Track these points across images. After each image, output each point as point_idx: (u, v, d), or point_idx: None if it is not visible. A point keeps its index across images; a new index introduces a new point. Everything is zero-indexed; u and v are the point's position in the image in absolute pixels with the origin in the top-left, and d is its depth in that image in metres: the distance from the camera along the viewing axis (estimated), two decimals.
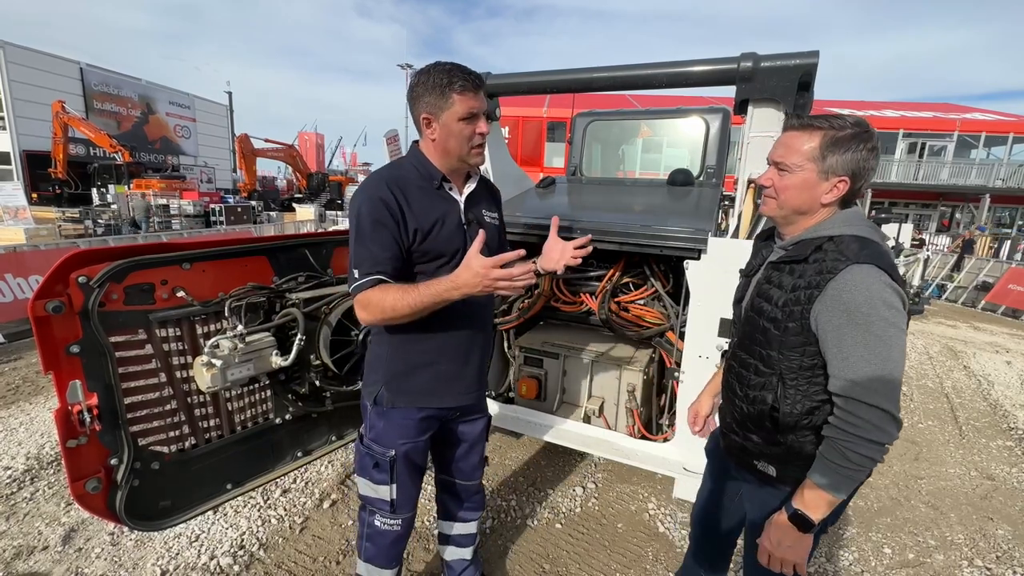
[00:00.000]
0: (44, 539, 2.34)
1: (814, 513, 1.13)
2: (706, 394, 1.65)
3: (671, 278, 2.69)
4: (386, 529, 1.67)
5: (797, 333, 1.13)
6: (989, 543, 2.62)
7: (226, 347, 1.68)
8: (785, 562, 1.19)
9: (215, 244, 1.75)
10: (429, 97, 1.39)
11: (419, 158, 1.50)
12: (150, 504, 1.66)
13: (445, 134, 1.42)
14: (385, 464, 1.57)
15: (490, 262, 1.26)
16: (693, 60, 2.25)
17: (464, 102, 1.38)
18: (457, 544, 1.94)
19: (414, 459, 1.62)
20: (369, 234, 1.37)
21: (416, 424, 1.58)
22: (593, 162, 4.03)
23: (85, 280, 1.42)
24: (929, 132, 22.33)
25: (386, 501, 1.62)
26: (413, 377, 1.55)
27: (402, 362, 1.54)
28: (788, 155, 1.18)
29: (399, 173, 1.47)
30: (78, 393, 1.43)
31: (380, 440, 1.58)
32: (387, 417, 1.57)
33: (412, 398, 1.56)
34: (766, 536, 1.22)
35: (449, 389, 1.60)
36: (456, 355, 1.59)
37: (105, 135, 19.39)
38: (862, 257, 1.06)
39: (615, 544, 2.47)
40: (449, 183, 1.52)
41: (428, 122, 1.43)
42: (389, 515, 1.65)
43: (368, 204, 1.39)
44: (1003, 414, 4.39)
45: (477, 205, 1.59)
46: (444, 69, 1.38)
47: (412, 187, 1.44)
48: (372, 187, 1.42)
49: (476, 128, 1.43)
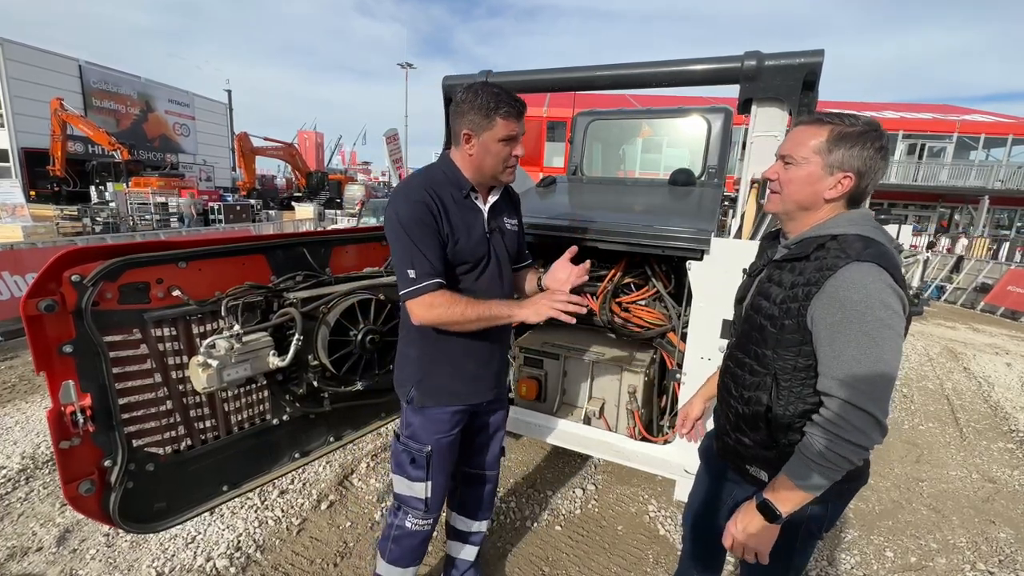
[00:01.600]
0: (39, 540, 2.31)
1: (782, 505, 1.12)
2: (699, 397, 1.63)
3: (673, 279, 2.67)
4: (416, 530, 1.74)
5: (793, 331, 1.12)
6: (991, 546, 2.61)
7: (222, 347, 1.65)
8: (748, 549, 1.18)
9: (212, 242, 1.73)
10: (474, 115, 1.47)
11: (450, 167, 1.58)
12: (144, 506, 1.63)
13: (483, 152, 1.50)
14: (422, 460, 1.65)
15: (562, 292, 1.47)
16: (696, 59, 2.23)
17: (507, 126, 1.47)
18: (465, 541, 2.00)
19: (448, 453, 1.71)
20: (419, 237, 1.45)
21: (449, 418, 1.67)
22: (594, 162, 4.01)
23: (79, 279, 1.40)
24: (928, 133, 22.35)
25: (421, 500, 1.69)
26: (441, 378, 1.64)
27: (430, 364, 1.64)
28: (795, 148, 1.17)
29: (433, 180, 1.54)
30: (71, 393, 1.41)
31: (416, 437, 1.66)
32: (422, 414, 1.66)
33: (441, 398, 1.65)
34: (733, 521, 1.22)
35: (475, 388, 1.70)
36: (480, 357, 1.67)
37: (104, 133, 19.33)
38: (864, 256, 1.04)
39: (615, 546, 2.45)
40: (476, 193, 1.60)
41: (468, 138, 1.51)
42: (422, 515, 1.72)
43: (413, 208, 1.45)
44: (1004, 416, 4.38)
45: (499, 214, 1.67)
46: (492, 93, 1.47)
47: (445, 194, 1.52)
48: (413, 191, 1.49)
49: (513, 150, 1.52)
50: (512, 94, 1.49)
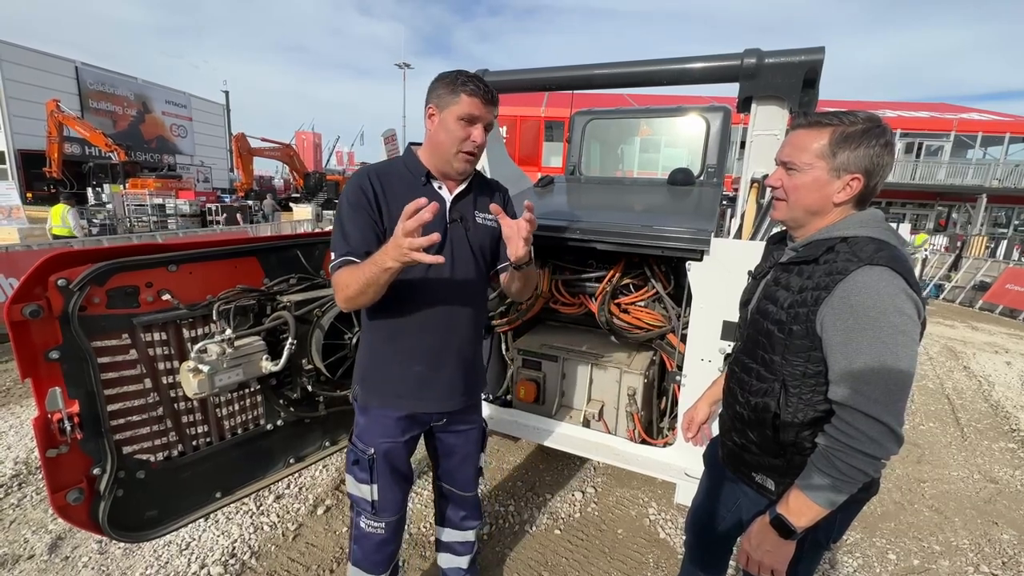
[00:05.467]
0: (30, 547, 2.28)
1: (797, 520, 1.08)
2: (704, 401, 1.60)
3: (672, 279, 2.64)
4: (370, 531, 1.66)
5: (802, 337, 1.08)
6: (994, 548, 2.59)
7: (214, 352, 1.62)
8: (763, 566, 1.15)
9: (203, 245, 1.70)
10: (441, 90, 1.43)
11: (409, 155, 1.55)
12: (135, 514, 1.60)
13: (440, 128, 1.43)
14: (365, 462, 1.57)
15: (403, 229, 1.17)
16: (695, 56, 2.20)
17: (469, 103, 1.39)
18: (453, 552, 1.91)
19: (395, 460, 1.60)
20: (345, 218, 1.41)
21: (394, 424, 1.57)
22: (592, 161, 3.98)
23: (65, 283, 1.37)
24: (926, 132, 22.37)
25: (368, 501, 1.61)
26: (384, 377, 1.55)
27: (375, 361, 1.56)
28: (797, 154, 1.13)
29: (385, 167, 1.53)
30: (58, 400, 1.38)
31: (362, 437, 1.59)
32: (367, 414, 1.59)
33: (384, 399, 1.56)
34: (747, 537, 1.18)
35: (422, 394, 1.56)
36: (428, 359, 1.54)
37: (100, 134, 19.23)
38: (876, 259, 1.00)
39: (615, 550, 2.42)
40: (437, 181, 1.52)
41: (431, 115, 1.46)
42: (372, 516, 1.64)
43: (348, 189, 1.45)
44: (1004, 415, 4.36)
45: (468, 206, 1.55)
46: (465, 73, 1.44)
47: (394, 178, 1.48)
48: (354, 177, 1.49)
49: (470, 133, 1.42)
50: (485, 80, 1.44)
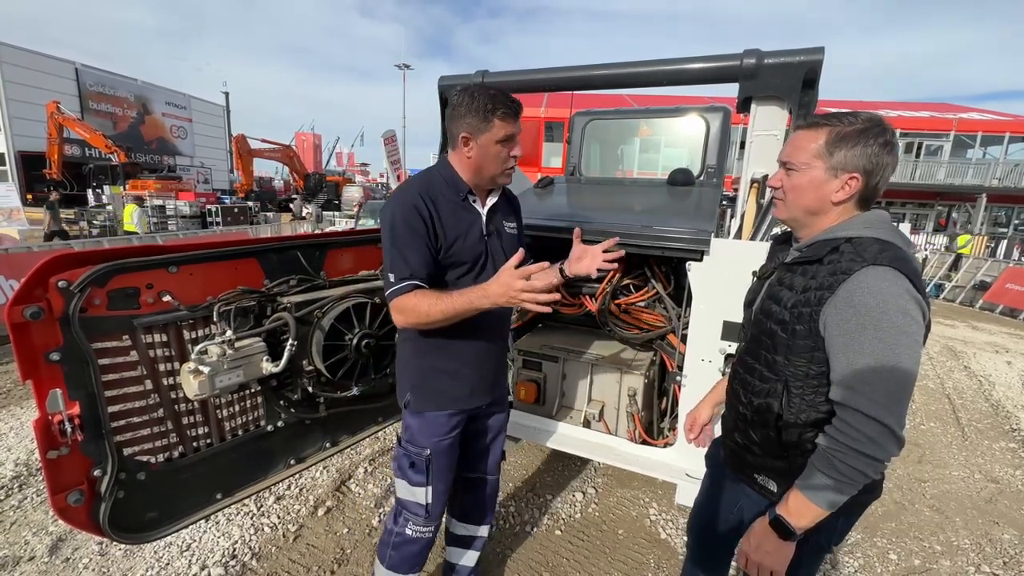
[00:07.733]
0: (31, 549, 2.28)
1: (796, 521, 1.08)
2: (706, 402, 1.60)
3: (672, 280, 2.64)
4: (416, 537, 1.73)
5: (805, 337, 1.08)
6: (995, 548, 2.59)
7: (214, 353, 1.62)
8: (762, 567, 1.15)
9: (203, 246, 1.69)
10: (471, 118, 1.46)
11: (448, 171, 1.57)
12: (136, 516, 1.60)
13: (482, 154, 1.50)
14: (421, 463, 1.63)
15: (516, 274, 1.31)
16: (695, 57, 2.20)
17: (504, 127, 1.47)
18: (474, 548, 1.99)
19: (447, 456, 1.69)
20: (404, 240, 1.44)
21: (446, 421, 1.66)
22: (592, 162, 3.98)
23: (65, 284, 1.36)
24: (926, 132, 22.38)
25: (422, 505, 1.68)
26: (435, 382, 1.63)
27: (425, 368, 1.63)
28: (795, 154, 1.14)
29: (427, 184, 1.54)
30: (59, 402, 1.37)
31: (415, 440, 1.65)
32: (420, 418, 1.65)
33: (437, 402, 1.64)
34: (746, 539, 1.18)
35: (471, 392, 1.68)
36: (475, 362, 1.66)
37: (100, 135, 19.25)
38: (881, 259, 1.00)
39: (616, 551, 2.42)
40: (474, 196, 1.60)
41: (466, 141, 1.50)
42: (423, 521, 1.70)
43: (402, 211, 1.46)
44: (1005, 415, 4.36)
45: (497, 216, 1.67)
46: (489, 94, 1.46)
47: (441, 198, 1.53)
48: (406, 195, 1.50)
49: (511, 151, 1.52)
50: (508, 94, 1.49)
